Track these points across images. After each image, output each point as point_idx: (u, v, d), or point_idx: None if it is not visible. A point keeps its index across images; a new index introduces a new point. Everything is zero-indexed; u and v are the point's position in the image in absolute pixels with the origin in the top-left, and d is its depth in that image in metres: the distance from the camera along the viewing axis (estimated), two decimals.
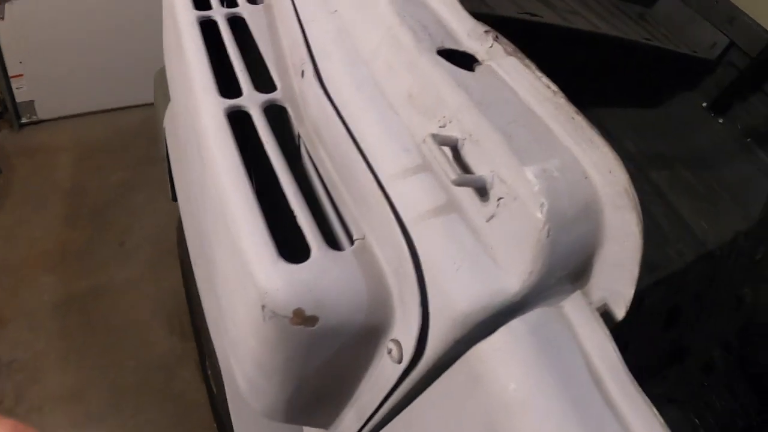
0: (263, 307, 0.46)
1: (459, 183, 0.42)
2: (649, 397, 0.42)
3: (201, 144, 0.60)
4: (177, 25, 0.71)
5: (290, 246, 0.50)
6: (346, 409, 0.62)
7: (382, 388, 0.53)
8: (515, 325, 0.43)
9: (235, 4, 0.75)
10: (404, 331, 0.47)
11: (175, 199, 1.32)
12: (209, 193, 0.59)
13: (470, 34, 0.54)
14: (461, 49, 0.54)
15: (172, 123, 1.04)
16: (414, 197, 0.47)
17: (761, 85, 1.52)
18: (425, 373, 0.48)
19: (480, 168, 0.45)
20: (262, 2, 0.80)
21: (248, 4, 0.76)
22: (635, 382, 0.43)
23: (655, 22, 1.66)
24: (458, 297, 0.43)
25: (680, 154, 1.50)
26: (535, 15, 1.28)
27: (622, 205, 0.44)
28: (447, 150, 0.46)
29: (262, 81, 0.66)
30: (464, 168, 0.45)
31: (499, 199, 0.43)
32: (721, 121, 1.61)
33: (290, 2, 0.70)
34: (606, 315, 0.48)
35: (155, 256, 1.72)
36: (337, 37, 0.61)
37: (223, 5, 0.74)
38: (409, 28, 0.53)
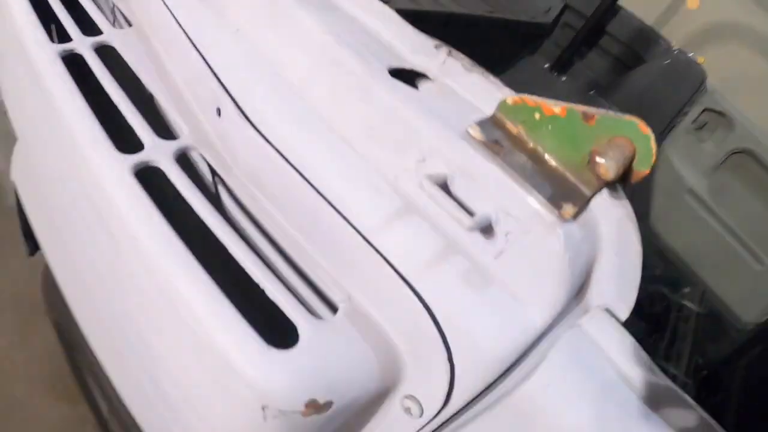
0: (264, 407, 0.39)
1: (474, 228, 0.38)
2: None
3: (108, 215, 0.50)
4: (32, 64, 0.57)
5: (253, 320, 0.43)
6: None
7: None
8: (553, 358, 0.40)
9: (95, 31, 0.63)
10: (421, 385, 0.43)
11: (32, 254, 1.13)
12: (133, 275, 0.49)
13: (415, 49, 0.49)
14: (407, 66, 0.48)
15: (27, 170, 0.86)
16: (408, 246, 0.42)
17: (597, 41, 1.65)
18: (446, 420, 0.44)
19: (476, 203, 0.41)
20: (125, 25, 0.68)
21: (114, 29, 0.64)
22: (669, 381, 0.43)
23: None
24: (487, 340, 0.39)
25: None
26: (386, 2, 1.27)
27: (620, 216, 0.43)
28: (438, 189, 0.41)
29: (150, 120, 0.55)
30: (459, 205, 0.41)
31: (507, 234, 0.40)
32: (564, 78, 1.73)
33: (173, 22, 0.59)
34: None
35: (19, 320, 1.49)
36: (250, 64, 0.52)
37: (84, 33, 0.62)
38: (350, 47, 0.47)
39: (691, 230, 1.56)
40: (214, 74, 0.53)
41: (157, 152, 0.51)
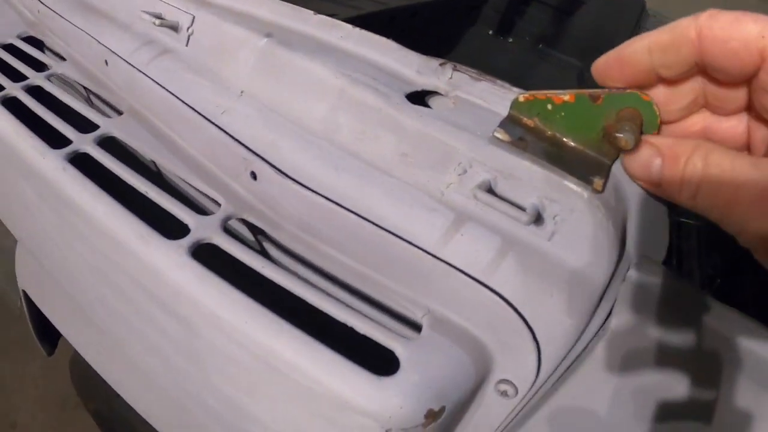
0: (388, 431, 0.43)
1: (530, 221, 0.43)
2: None
3: (174, 302, 0.52)
4: (38, 174, 0.60)
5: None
6: None
7: (492, 424, 0.53)
8: (617, 313, 0.45)
9: (89, 126, 0.65)
10: (512, 368, 0.48)
11: (51, 354, 1.15)
12: (216, 350, 0.52)
13: (420, 71, 0.54)
14: (419, 88, 0.53)
15: (40, 278, 0.87)
16: (472, 252, 0.46)
17: None
18: (538, 391, 0.49)
19: (521, 197, 0.46)
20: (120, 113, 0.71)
21: (109, 119, 0.66)
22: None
23: None
24: (561, 312, 0.45)
25: None
26: (332, 15, 1.29)
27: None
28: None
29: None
30: (511, 204, 0.46)
31: (555, 216, 0.45)
32: (511, 40, 1.78)
33: (173, 99, 0.62)
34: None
35: (53, 419, 1.52)
36: (269, 122, 0.56)
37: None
38: (365, 85, 0.51)
39: None
40: (237, 141, 0.56)
41: (205, 229, 0.53)
